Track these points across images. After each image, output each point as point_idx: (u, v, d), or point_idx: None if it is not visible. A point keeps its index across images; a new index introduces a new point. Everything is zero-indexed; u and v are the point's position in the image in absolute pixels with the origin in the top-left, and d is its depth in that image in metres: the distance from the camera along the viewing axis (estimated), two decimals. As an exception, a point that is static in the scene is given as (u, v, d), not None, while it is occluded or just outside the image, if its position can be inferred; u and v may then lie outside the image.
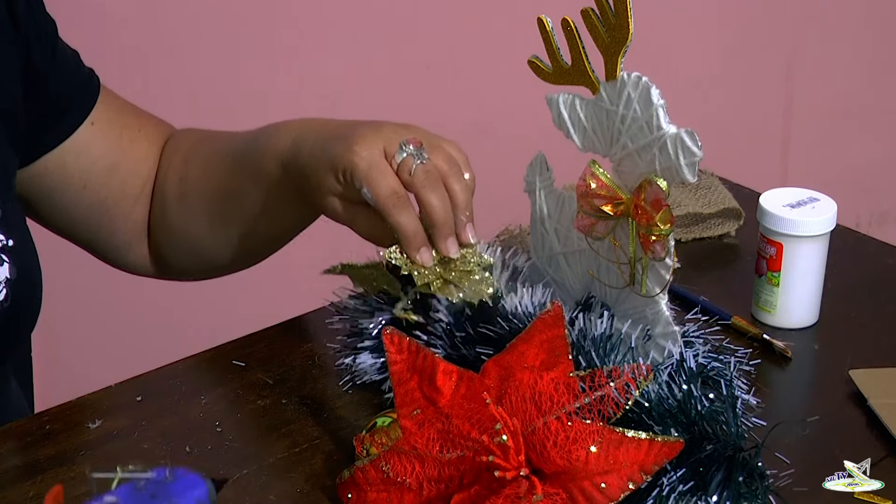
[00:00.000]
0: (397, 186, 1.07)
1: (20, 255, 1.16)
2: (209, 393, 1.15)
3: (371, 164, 1.07)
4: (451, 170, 1.09)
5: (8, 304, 1.15)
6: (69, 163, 1.26)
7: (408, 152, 1.08)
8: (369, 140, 1.08)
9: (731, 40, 2.68)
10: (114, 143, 1.28)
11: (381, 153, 1.08)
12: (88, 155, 1.27)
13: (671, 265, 1.04)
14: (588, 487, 0.95)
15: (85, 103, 1.26)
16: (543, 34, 1.08)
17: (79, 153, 1.26)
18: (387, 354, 1.00)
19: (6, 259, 1.15)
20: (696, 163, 1.01)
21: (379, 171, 1.07)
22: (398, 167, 1.07)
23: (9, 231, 1.16)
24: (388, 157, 1.08)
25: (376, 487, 0.99)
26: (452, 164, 1.09)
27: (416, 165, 1.07)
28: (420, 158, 1.08)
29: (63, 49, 1.26)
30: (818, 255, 1.25)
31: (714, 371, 1.06)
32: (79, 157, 1.26)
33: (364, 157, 1.07)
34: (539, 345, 1.01)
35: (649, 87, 1.03)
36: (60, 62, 1.24)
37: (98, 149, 1.27)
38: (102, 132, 1.27)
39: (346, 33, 2.24)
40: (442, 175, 1.08)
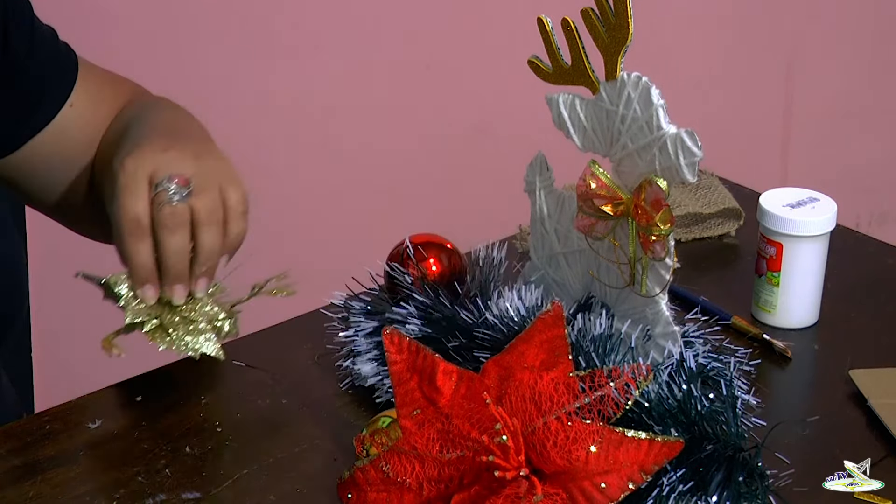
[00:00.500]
0: (143, 215, 1.05)
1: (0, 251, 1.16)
2: (209, 393, 1.15)
3: (129, 182, 1.06)
4: (208, 217, 1.06)
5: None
6: (49, 145, 1.25)
7: (165, 187, 1.06)
8: (145, 158, 1.07)
9: (731, 40, 2.68)
10: (92, 122, 1.27)
11: (147, 176, 1.06)
12: (69, 137, 1.26)
13: (671, 265, 1.04)
14: (588, 487, 0.95)
15: (64, 86, 1.25)
16: (543, 34, 1.08)
17: (59, 135, 1.25)
18: (387, 354, 1.00)
19: None
20: (696, 163, 1.01)
21: (131, 193, 1.06)
22: (153, 198, 1.06)
23: None
24: (153, 177, 1.06)
25: (376, 487, 0.99)
26: (213, 213, 1.07)
27: (166, 202, 1.05)
28: (178, 196, 1.05)
29: (40, 30, 1.24)
30: (818, 255, 1.25)
31: (714, 371, 1.06)
32: (59, 139, 1.25)
33: (128, 172, 1.06)
34: (539, 345, 1.01)
35: (649, 87, 1.03)
36: (38, 46, 1.23)
37: (78, 130, 1.26)
38: (81, 113, 1.26)
39: (346, 33, 2.24)
40: (195, 220, 1.06)
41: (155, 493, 1.04)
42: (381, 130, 2.30)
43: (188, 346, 1.08)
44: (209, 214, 1.07)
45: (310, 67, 2.22)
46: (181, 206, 1.05)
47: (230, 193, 1.08)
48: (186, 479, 1.05)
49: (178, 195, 1.05)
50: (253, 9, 2.16)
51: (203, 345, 1.06)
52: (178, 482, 1.05)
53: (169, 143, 1.09)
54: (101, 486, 1.04)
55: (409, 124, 2.32)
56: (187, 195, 1.06)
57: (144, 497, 1.03)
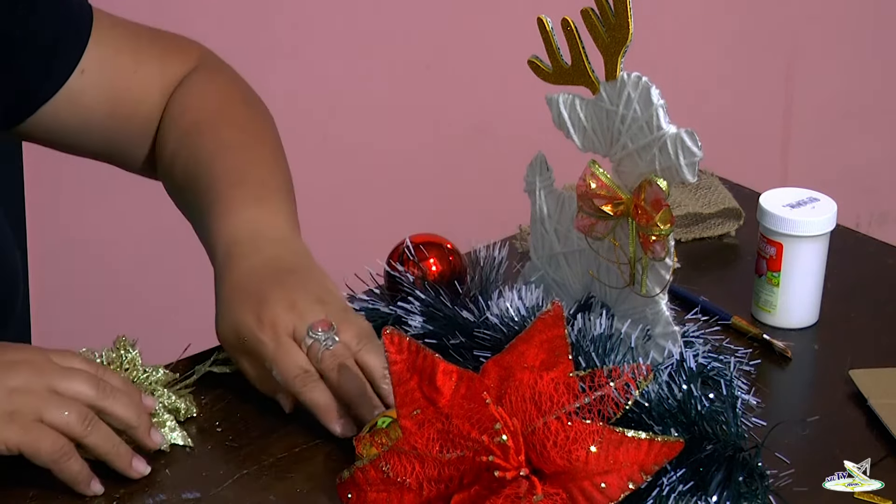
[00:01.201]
0: (305, 364, 1.08)
1: None
2: (209, 393, 1.15)
3: (277, 345, 1.08)
4: (360, 343, 1.09)
5: None
6: (64, 112, 1.25)
7: (314, 338, 1.08)
8: (279, 316, 1.08)
9: (731, 40, 2.68)
10: (107, 91, 1.26)
11: (289, 332, 1.08)
12: (82, 104, 1.25)
13: (671, 265, 1.04)
14: (588, 487, 0.95)
15: (73, 50, 1.24)
16: (543, 34, 1.08)
17: (72, 102, 1.25)
18: (387, 354, 1.00)
19: None
20: (696, 163, 1.01)
21: (285, 353, 1.08)
22: (307, 352, 1.08)
23: None
24: (296, 336, 1.08)
25: (376, 487, 0.99)
26: (363, 338, 1.09)
27: (322, 351, 1.07)
28: (330, 341, 1.08)
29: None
30: (818, 255, 1.25)
31: (714, 371, 1.06)
32: (73, 106, 1.25)
33: (269, 339, 1.08)
34: (539, 345, 1.01)
35: (649, 87, 1.03)
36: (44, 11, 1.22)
37: (91, 98, 1.26)
38: (94, 80, 1.25)
39: (346, 33, 2.24)
40: (353, 352, 1.08)
41: (155, 493, 1.04)
42: (381, 130, 2.30)
43: None
44: (360, 340, 1.09)
45: (310, 67, 2.22)
46: (339, 346, 1.08)
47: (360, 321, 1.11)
48: (186, 479, 1.05)
49: (329, 340, 1.08)
50: (253, 8, 2.16)
51: (169, 435, 1.08)
52: (178, 482, 1.05)
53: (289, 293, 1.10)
54: (101, 486, 1.04)
55: (408, 124, 2.31)
56: (335, 333, 1.08)
57: (144, 497, 1.03)
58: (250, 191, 1.19)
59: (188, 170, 1.24)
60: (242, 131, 1.26)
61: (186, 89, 1.29)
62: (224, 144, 1.24)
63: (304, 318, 1.09)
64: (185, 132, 1.26)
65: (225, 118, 1.27)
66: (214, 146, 1.24)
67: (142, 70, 1.28)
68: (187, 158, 1.24)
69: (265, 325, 1.08)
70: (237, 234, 1.15)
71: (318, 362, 1.07)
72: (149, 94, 1.29)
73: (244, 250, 1.14)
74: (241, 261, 1.13)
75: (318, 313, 1.09)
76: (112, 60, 1.27)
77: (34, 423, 1.01)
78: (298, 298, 1.10)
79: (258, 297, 1.10)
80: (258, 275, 1.12)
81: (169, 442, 1.08)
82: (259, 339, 1.08)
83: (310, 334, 1.08)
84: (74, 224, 2.10)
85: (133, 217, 2.15)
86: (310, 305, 1.09)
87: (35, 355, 1.05)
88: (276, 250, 1.14)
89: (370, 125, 2.27)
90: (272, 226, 1.17)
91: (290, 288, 1.10)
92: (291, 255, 1.15)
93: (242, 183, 1.19)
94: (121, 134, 1.29)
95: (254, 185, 1.20)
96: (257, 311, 1.09)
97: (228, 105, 1.30)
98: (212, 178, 1.21)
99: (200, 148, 1.24)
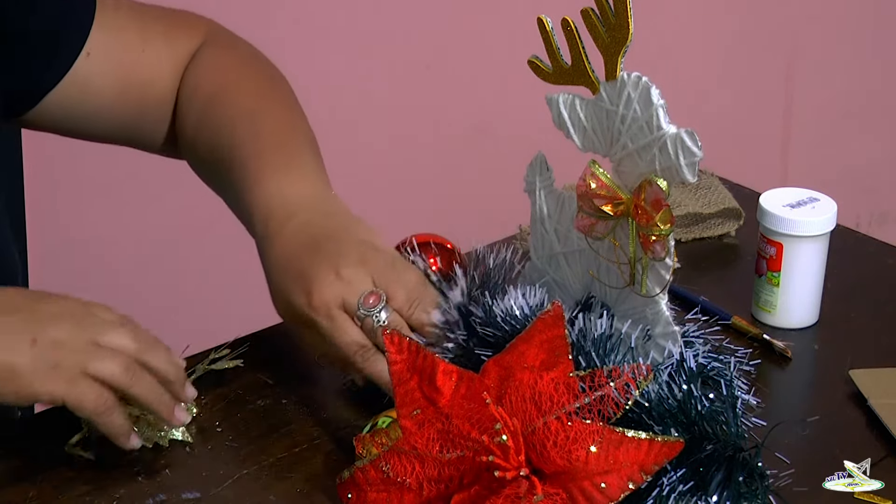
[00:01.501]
0: (361, 339, 1.08)
1: None
2: (209, 393, 1.15)
3: (331, 323, 1.08)
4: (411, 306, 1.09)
5: None
6: (74, 96, 1.24)
7: (366, 314, 1.08)
8: (327, 291, 1.08)
9: (731, 40, 2.68)
10: (115, 72, 1.26)
11: (340, 306, 1.08)
12: (91, 87, 1.25)
13: (671, 265, 1.04)
14: (588, 487, 0.95)
15: (77, 34, 1.23)
16: (543, 34, 1.08)
17: (81, 86, 1.24)
18: (387, 354, 1.00)
19: None
20: (696, 163, 1.01)
21: (340, 331, 1.08)
22: (360, 326, 1.08)
23: None
24: (347, 309, 1.08)
25: (376, 487, 0.99)
26: (412, 298, 1.09)
27: (377, 327, 1.07)
28: (383, 314, 1.07)
29: None
30: (818, 255, 1.25)
31: (714, 371, 1.06)
32: (82, 90, 1.24)
33: (323, 314, 1.08)
34: (539, 345, 1.01)
35: (649, 87, 1.03)
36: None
37: (99, 80, 1.25)
38: (101, 62, 1.25)
39: (346, 33, 2.24)
40: (406, 316, 1.09)
41: (155, 493, 1.04)
42: (381, 130, 2.30)
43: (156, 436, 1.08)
44: (412, 304, 1.09)
45: (310, 67, 2.22)
46: (392, 318, 1.08)
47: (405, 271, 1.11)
48: (186, 479, 1.05)
49: (383, 312, 1.08)
50: (253, 8, 2.16)
51: (169, 431, 1.08)
52: (178, 482, 1.05)
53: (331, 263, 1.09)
54: (101, 486, 1.04)
55: (409, 124, 2.32)
56: (386, 305, 1.08)
57: (144, 497, 1.03)
58: (274, 158, 1.18)
59: (210, 143, 1.23)
60: (259, 97, 1.26)
61: (198, 63, 1.29)
62: (242, 113, 1.23)
63: (351, 286, 1.08)
64: (202, 106, 1.26)
65: (240, 87, 1.27)
66: (233, 116, 1.23)
67: (149, 48, 1.27)
68: (208, 132, 1.24)
69: (315, 304, 1.08)
70: (269, 205, 1.15)
71: (373, 337, 1.07)
72: (159, 71, 1.28)
73: (280, 221, 1.13)
74: (278, 234, 1.13)
75: (363, 278, 1.08)
76: (118, 41, 1.26)
77: (79, 375, 1.01)
78: (342, 266, 1.09)
79: (302, 274, 1.09)
80: (298, 247, 1.11)
81: (167, 438, 1.08)
82: (313, 320, 1.08)
83: (360, 310, 1.08)
84: (74, 224, 2.10)
85: (133, 217, 2.16)
86: (354, 271, 1.09)
87: (76, 307, 1.05)
88: (309, 214, 1.14)
89: (370, 125, 2.27)
90: (301, 188, 1.16)
91: (330, 256, 1.10)
92: (325, 216, 1.14)
93: (265, 151, 1.19)
94: (134, 115, 1.28)
95: (277, 151, 1.19)
96: (306, 290, 1.08)
97: (242, 73, 1.29)
98: (235, 150, 1.20)
99: (220, 120, 1.24)
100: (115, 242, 2.14)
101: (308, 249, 1.10)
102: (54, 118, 1.26)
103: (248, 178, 1.17)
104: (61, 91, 1.24)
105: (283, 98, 1.27)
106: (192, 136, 1.26)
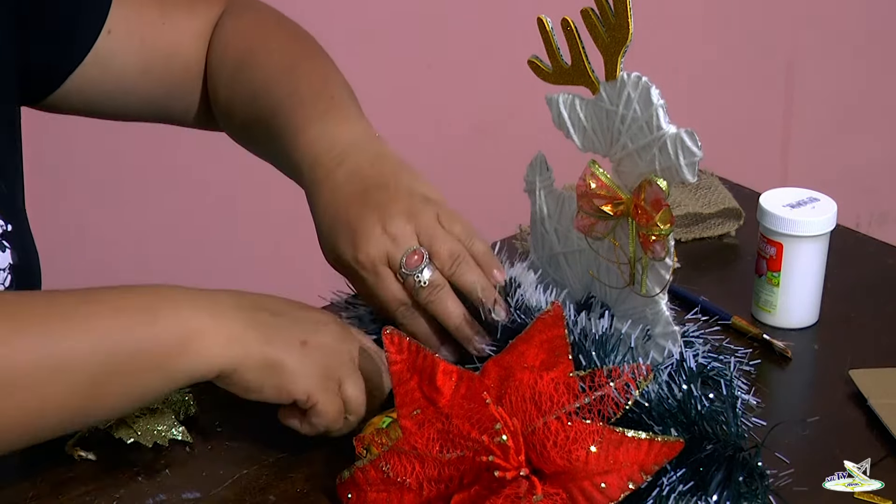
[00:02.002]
0: (402, 297, 1.09)
1: (19, 240, 1.16)
2: (209, 393, 1.15)
3: (376, 278, 1.09)
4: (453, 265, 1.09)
5: (13, 290, 1.14)
6: (98, 76, 1.24)
7: (409, 273, 1.08)
8: (373, 246, 1.08)
9: (731, 40, 2.68)
10: (137, 47, 1.25)
11: (385, 262, 1.09)
12: (114, 65, 1.25)
13: (671, 265, 1.04)
14: (588, 487, 0.95)
15: (96, 13, 1.23)
16: (543, 34, 1.08)
17: (104, 65, 1.24)
18: (387, 354, 1.00)
19: (7, 245, 1.14)
20: (696, 163, 1.01)
21: (384, 286, 1.09)
22: (402, 283, 1.09)
23: (7, 216, 1.15)
24: (391, 264, 1.09)
25: (376, 487, 0.99)
26: (455, 258, 1.09)
27: (419, 286, 1.08)
28: (426, 272, 1.08)
29: None
30: (818, 255, 1.25)
31: (714, 371, 1.06)
32: (105, 68, 1.24)
33: (368, 267, 1.09)
34: (539, 345, 1.01)
35: (649, 87, 1.03)
36: None
37: (122, 56, 1.25)
38: (122, 38, 1.24)
39: (347, 33, 2.24)
40: (448, 275, 1.09)
41: (155, 493, 1.04)
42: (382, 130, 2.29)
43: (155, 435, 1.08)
44: (456, 262, 1.10)
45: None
46: (433, 277, 1.08)
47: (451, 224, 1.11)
48: (186, 479, 1.05)
49: (426, 272, 1.08)
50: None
51: (168, 431, 1.08)
52: (178, 482, 1.05)
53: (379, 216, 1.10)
54: (101, 486, 1.04)
55: (409, 124, 2.31)
56: (429, 262, 1.09)
57: (144, 497, 1.03)
58: (315, 105, 1.18)
59: (247, 105, 1.23)
60: (290, 54, 1.26)
61: (224, 29, 1.29)
62: (275, 69, 1.23)
63: (396, 242, 1.08)
64: (233, 70, 1.26)
65: (269, 46, 1.27)
66: (267, 74, 1.23)
67: (169, 21, 1.27)
68: (243, 94, 1.24)
69: (361, 258, 1.08)
70: (315, 150, 1.15)
71: (415, 295, 1.08)
72: (181, 43, 1.28)
73: (328, 167, 1.14)
74: (326, 179, 1.13)
75: (409, 234, 1.09)
76: (137, 16, 1.26)
77: (334, 384, 1.05)
78: (388, 219, 1.09)
79: (350, 226, 1.10)
80: (347, 196, 1.11)
81: (167, 438, 1.08)
82: (358, 273, 1.09)
83: (402, 269, 1.08)
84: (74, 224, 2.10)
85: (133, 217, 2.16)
86: (401, 226, 1.09)
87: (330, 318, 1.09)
88: (357, 158, 1.14)
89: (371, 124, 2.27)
90: (346, 131, 1.16)
91: (379, 208, 1.10)
92: (373, 159, 1.14)
93: (305, 101, 1.19)
94: (161, 89, 1.28)
95: (317, 99, 1.19)
96: (353, 242, 1.09)
97: (269, 33, 1.29)
98: (275, 106, 1.20)
99: (253, 80, 1.24)
100: (115, 242, 2.14)
101: (356, 199, 1.11)
102: (79, 99, 1.25)
103: (290, 128, 1.17)
104: (84, 71, 1.24)
105: (313, 52, 1.27)
106: (226, 102, 1.26)
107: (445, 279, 1.09)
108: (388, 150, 1.17)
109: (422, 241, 1.09)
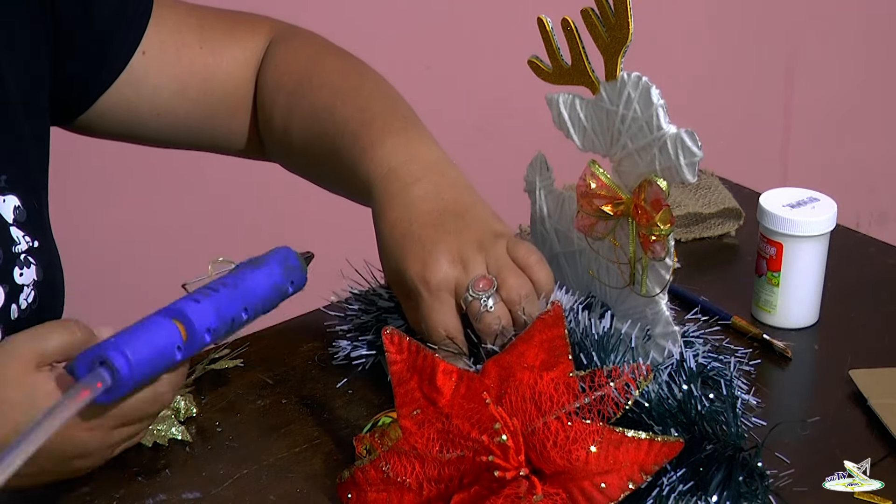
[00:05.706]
0: (452, 329, 1.07)
1: (45, 256, 1.15)
2: (209, 393, 1.15)
3: (433, 302, 1.07)
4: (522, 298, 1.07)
5: (36, 305, 1.14)
6: (131, 96, 1.23)
7: (474, 297, 1.07)
8: (443, 269, 1.07)
9: (731, 40, 2.68)
10: (172, 68, 1.24)
11: (451, 287, 1.07)
12: (147, 85, 1.24)
13: (671, 265, 1.04)
14: (588, 487, 0.95)
15: (132, 32, 1.22)
16: (543, 34, 1.08)
17: (137, 85, 1.23)
18: (387, 354, 1.00)
19: (33, 261, 1.14)
20: (696, 163, 1.01)
21: (437, 312, 1.07)
22: (466, 308, 1.07)
23: (34, 232, 1.14)
24: (457, 292, 1.07)
25: (376, 487, 0.99)
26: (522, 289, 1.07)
27: (482, 312, 1.06)
28: (491, 301, 1.06)
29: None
30: (818, 255, 1.25)
31: (714, 371, 1.06)
32: (139, 89, 1.23)
33: (432, 288, 1.07)
34: (539, 345, 1.01)
35: (649, 87, 1.03)
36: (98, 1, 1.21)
37: (156, 77, 1.24)
38: (157, 60, 1.24)
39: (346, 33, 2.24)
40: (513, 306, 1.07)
41: (155, 493, 1.04)
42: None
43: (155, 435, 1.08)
44: (522, 295, 1.07)
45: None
46: (497, 308, 1.07)
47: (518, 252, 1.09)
48: (186, 479, 1.05)
49: (491, 300, 1.07)
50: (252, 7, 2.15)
51: (168, 431, 1.08)
52: (178, 482, 1.05)
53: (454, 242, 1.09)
54: (101, 486, 1.04)
55: (409, 124, 2.31)
56: (495, 291, 1.07)
57: (144, 497, 1.03)
58: (390, 123, 1.17)
59: (308, 129, 1.22)
60: (349, 74, 1.25)
61: (276, 55, 1.28)
62: (337, 91, 1.22)
63: (467, 270, 1.07)
64: (291, 93, 1.24)
65: (326, 67, 1.26)
66: (329, 98, 1.22)
67: (207, 45, 1.26)
68: (304, 116, 1.23)
69: (428, 277, 1.07)
70: (391, 164, 1.14)
71: (477, 321, 1.07)
72: (219, 67, 1.27)
73: (404, 182, 1.12)
74: (401, 194, 1.12)
75: (480, 264, 1.07)
76: (174, 39, 1.25)
77: None
78: (463, 247, 1.08)
79: (423, 245, 1.08)
80: (422, 215, 1.10)
81: (167, 438, 1.08)
82: (418, 291, 1.07)
83: (470, 293, 1.07)
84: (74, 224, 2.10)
85: (133, 217, 2.16)
86: (473, 255, 1.08)
87: None
88: (435, 180, 1.13)
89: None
90: (423, 151, 1.16)
91: (454, 234, 1.09)
92: (451, 188, 1.13)
93: (377, 119, 1.18)
94: (198, 112, 1.27)
95: (389, 117, 1.18)
96: (423, 262, 1.08)
97: (323, 56, 1.28)
98: (341, 122, 1.19)
99: (314, 104, 1.22)
100: (115, 242, 2.14)
101: (432, 220, 1.10)
102: (113, 119, 1.24)
103: (362, 142, 1.16)
104: (117, 90, 1.23)
105: (370, 75, 1.26)
106: (282, 128, 1.24)
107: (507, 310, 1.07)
108: (466, 179, 1.15)
109: (490, 272, 1.08)
